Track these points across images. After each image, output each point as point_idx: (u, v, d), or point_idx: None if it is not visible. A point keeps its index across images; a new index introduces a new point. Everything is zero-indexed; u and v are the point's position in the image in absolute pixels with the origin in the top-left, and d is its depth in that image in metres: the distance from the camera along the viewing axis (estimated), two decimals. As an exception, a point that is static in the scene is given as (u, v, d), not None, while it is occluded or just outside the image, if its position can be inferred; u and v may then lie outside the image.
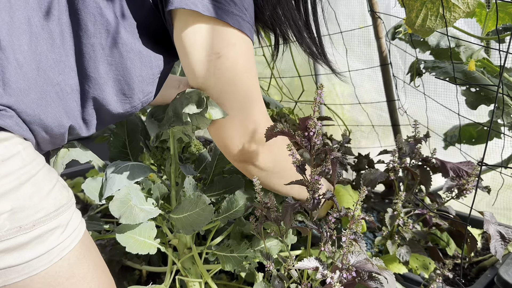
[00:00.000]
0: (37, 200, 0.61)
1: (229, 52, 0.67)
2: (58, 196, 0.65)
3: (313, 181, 0.68)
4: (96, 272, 0.69)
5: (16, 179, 0.59)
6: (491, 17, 1.01)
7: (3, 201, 0.58)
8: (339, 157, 0.66)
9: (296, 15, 0.75)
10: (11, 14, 0.60)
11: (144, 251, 0.81)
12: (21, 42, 0.61)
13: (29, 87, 0.62)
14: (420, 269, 1.05)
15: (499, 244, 0.88)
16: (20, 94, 0.61)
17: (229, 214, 0.86)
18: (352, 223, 0.64)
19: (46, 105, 0.64)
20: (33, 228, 0.60)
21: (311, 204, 0.68)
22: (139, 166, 0.84)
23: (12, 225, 0.58)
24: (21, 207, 0.59)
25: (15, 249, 0.59)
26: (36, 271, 0.61)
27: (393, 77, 1.43)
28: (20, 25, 0.61)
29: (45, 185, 0.63)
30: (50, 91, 0.64)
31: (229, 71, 0.68)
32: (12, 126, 0.61)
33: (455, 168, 1.03)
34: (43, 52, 0.63)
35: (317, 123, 0.66)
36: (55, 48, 0.64)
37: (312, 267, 0.63)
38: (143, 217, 0.78)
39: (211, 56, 0.67)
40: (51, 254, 0.62)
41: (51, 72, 0.64)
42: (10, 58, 0.60)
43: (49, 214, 0.62)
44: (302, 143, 0.68)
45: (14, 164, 0.59)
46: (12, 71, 0.60)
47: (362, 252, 0.63)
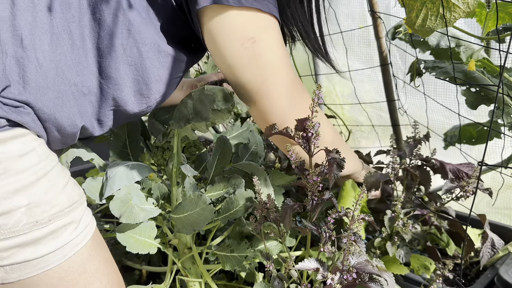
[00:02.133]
0: (53, 196, 0.62)
1: (263, 35, 0.68)
2: (71, 192, 0.66)
3: (312, 182, 0.68)
4: (107, 268, 0.71)
5: (33, 174, 0.60)
6: (491, 17, 1.01)
7: (20, 196, 0.59)
8: (337, 158, 0.66)
9: (303, 16, 0.77)
10: (34, 15, 0.61)
11: (144, 250, 0.81)
12: (42, 41, 0.62)
13: (47, 86, 0.63)
14: (421, 269, 1.05)
15: (487, 250, 0.91)
16: (39, 92, 0.62)
17: (229, 214, 0.86)
18: (352, 224, 0.64)
19: (62, 104, 0.65)
20: (49, 223, 0.61)
21: (310, 205, 0.68)
22: (140, 166, 0.84)
23: (29, 220, 0.59)
24: (37, 202, 0.60)
25: (31, 243, 0.60)
26: (51, 265, 0.62)
27: (393, 77, 1.43)
28: (42, 25, 0.62)
29: (59, 181, 0.65)
30: (67, 91, 0.65)
31: (268, 52, 0.68)
32: (29, 122, 0.62)
33: (455, 169, 1.03)
34: (63, 53, 0.64)
35: (315, 124, 0.66)
36: (74, 49, 0.65)
37: (312, 268, 0.63)
38: (143, 216, 0.78)
39: (246, 43, 0.67)
40: (65, 249, 0.64)
41: (69, 72, 0.65)
42: (31, 57, 0.61)
43: (64, 210, 0.63)
44: (300, 144, 0.68)
45: (30, 160, 0.61)
46: (32, 70, 0.61)
47: (363, 254, 0.63)
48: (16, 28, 0.60)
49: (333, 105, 1.81)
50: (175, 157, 0.88)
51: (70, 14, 0.64)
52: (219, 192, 0.92)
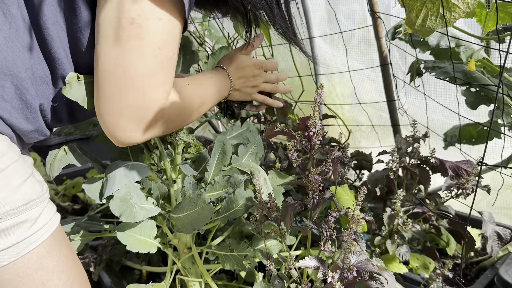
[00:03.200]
0: (5, 194, 0.61)
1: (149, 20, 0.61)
2: (28, 191, 0.65)
3: (313, 181, 0.68)
4: (67, 265, 0.70)
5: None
6: (491, 17, 1.01)
7: None
8: (340, 157, 0.66)
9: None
10: None
11: (144, 249, 0.81)
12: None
13: (1, 78, 0.62)
14: (421, 268, 1.05)
15: (496, 243, 0.88)
16: None
17: (229, 214, 0.86)
18: (352, 223, 0.64)
19: (20, 94, 0.65)
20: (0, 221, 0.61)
21: (311, 204, 0.68)
22: (140, 166, 0.85)
23: None
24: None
25: None
26: (3, 263, 0.62)
27: (393, 77, 1.43)
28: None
29: (15, 179, 0.63)
30: (24, 77, 0.64)
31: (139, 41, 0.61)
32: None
33: (454, 167, 1.03)
34: (10, 38, 0.63)
35: (317, 123, 0.66)
36: (20, 32, 0.64)
37: (313, 266, 0.63)
38: (143, 215, 0.78)
39: (123, 20, 0.61)
40: (18, 247, 0.63)
41: (19, 57, 0.64)
42: None
43: (17, 208, 0.63)
44: (302, 143, 0.68)
45: None
46: None
47: (363, 252, 0.63)
48: None
49: (333, 105, 1.81)
50: (175, 158, 0.88)
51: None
52: (218, 192, 0.92)
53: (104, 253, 1.15)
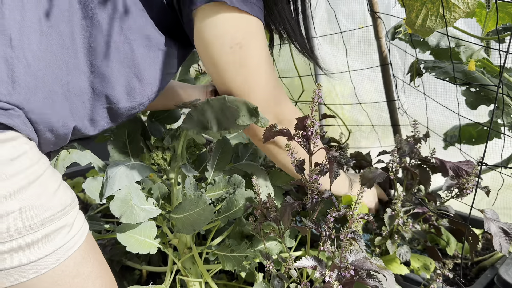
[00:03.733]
0: (45, 200, 0.62)
1: (249, 41, 0.70)
2: (63, 196, 0.65)
3: (311, 181, 0.68)
4: (100, 271, 0.70)
5: (25, 178, 0.60)
6: (491, 17, 1.01)
7: (12, 200, 0.58)
8: (337, 156, 0.66)
9: (290, 15, 0.79)
10: (22, 14, 0.61)
11: (144, 250, 0.81)
12: (30, 41, 0.61)
13: (37, 86, 0.62)
14: (422, 269, 1.05)
15: (504, 239, 0.87)
16: (28, 92, 0.62)
17: (229, 214, 0.86)
18: (352, 223, 0.64)
19: (52, 104, 0.65)
20: (42, 227, 0.61)
21: (310, 203, 0.68)
22: (140, 166, 0.85)
23: (22, 224, 0.59)
24: (29, 207, 0.60)
25: (24, 248, 0.60)
26: (44, 270, 0.62)
27: (393, 77, 1.43)
28: (31, 24, 0.61)
29: (51, 185, 0.64)
30: (58, 91, 0.65)
31: (252, 58, 0.70)
32: (20, 125, 0.61)
33: (455, 167, 1.03)
34: (53, 52, 0.63)
35: (315, 123, 0.66)
36: (64, 48, 0.65)
37: (310, 265, 0.63)
38: (143, 216, 0.78)
39: (234, 47, 0.69)
40: (58, 253, 0.63)
41: (59, 72, 0.65)
42: (20, 57, 0.60)
43: (56, 213, 0.63)
44: (300, 142, 0.68)
45: (22, 164, 0.60)
46: (21, 70, 0.60)
47: (361, 251, 0.63)
48: (5, 28, 0.59)
49: (333, 105, 1.81)
50: (179, 158, 0.88)
51: (60, 13, 0.64)
52: (219, 192, 0.92)
53: (104, 253, 1.15)
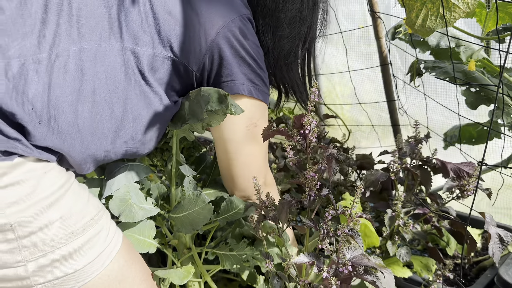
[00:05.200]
0: (81, 206, 0.65)
1: (261, 121, 0.83)
2: (95, 201, 0.69)
3: (309, 179, 0.68)
4: (143, 275, 0.72)
5: (60, 188, 0.63)
6: (491, 17, 1.01)
7: (52, 210, 0.61)
8: (335, 154, 0.66)
9: (299, 78, 0.93)
10: (81, 83, 0.65)
11: (143, 249, 0.81)
12: (84, 108, 0.66)
13: (82, 149, 0.68)
14: (424, 271, 1.05)
15: (497, 246, 0.88)
16: (76, 154, 0.67)
17: (228, 216, 0.86)
18: (350, 221, 0.64)
19: (90, 168, 0.72)
20: (84, 233, 0.63)
21: (307, 201, 0.68)
22: (138, 166, 0.85)
23: (65, 232, 0.61)
24: (69, 214, 0.62)
25: (70, 256, 0.62)
26: (90, 276, 0.64)
27: (393, 77, 1.43)
28: (86, 93, 0.66)
29: (83, 192, 0.68)
30: (99, 156, 0.71)
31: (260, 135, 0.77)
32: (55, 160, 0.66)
33: (456, 168, 1.03)
34: (101, 121, 0.68)
35: (312, 121, 0.66)
36: (113, 119, 0.69)
37: (307, 261, 0.63)
38: (142, 215, 0.78)
39: (250, 126, 0.82)
40: (102, 257, 0.65)
41: (105, 140, 0.70)
42: (71, 122, 0.65)
43: (93, 218, 0.66)
44: (298, 141, 0.68)
45: (55, 175, 0.63)
46: (71, 134, 0.66)
47: (359, 247, 0.63)
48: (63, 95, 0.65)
49: (333, 105, 1.81)
50: (174, 158, 0.88)
51: (114, 85, 0.68)
52: (219, 193, 0.92)
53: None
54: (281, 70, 0.89)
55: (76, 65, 0.64)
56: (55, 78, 0.63)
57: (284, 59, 0.88)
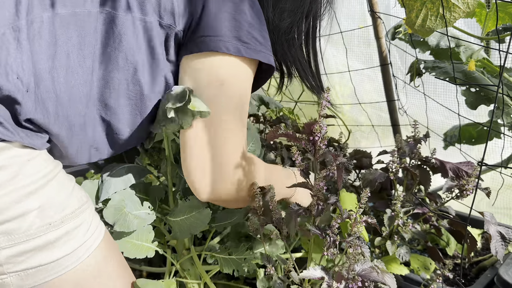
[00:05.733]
0: (63, 197, 0.64)
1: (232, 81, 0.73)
2: (79, 193, 0.68)
3: (317, 187, 0.67)
4: (121, 271, 0.71)
5: (43, 177, 0.62)
6: (491, 17, 1.01)
7: (32, 199, 0.60)
8: (345, 163, 0.66)
9: (302, 57, 0.86)
10: (55, 49, 0.64)
11: (142, 255, 0.80)
12: (59, 74, 0.65)
13: (62, 115, 0.66)
14: (422, 269, 1.05)
15: (500, 244, 0.87)
16: (56, 120, 0.66)
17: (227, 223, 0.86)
18: (355, 226, 0.64)
19: (72, 134, 0.69)
20: (62, 225, 0.62)
21: (315, 210, 0.68)
22: (136, 168, 0.84)
23: (42, 222, 0.60)
24: (49, 204, 0.61)
25: (45, 247, 0.61)
26: (65, 269, 0.63)
27: (393, 77, 1.43)
28: (61, 59, 0.65)
29: (67, 184, 0.66)
30: (77, 121, 0.69)
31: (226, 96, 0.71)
32: (39, 146, 0.65)
33: (455, 168, 1.03)
34: (76, 86, 0.67)
35: (322, 128, 0.66)
36: (87, 82, 0.68)
37: (318, 277, 0.62)
38: (137, 224, 0.77)
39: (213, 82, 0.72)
40: (79, 252, 0.64)
41: (80, 104, 0.68)
42: (50, 89, 0.64)
43: (75, 211, 0.64)
44: (307, 147, 0.67)
45: (38, 164, 0.62)
46: (51, 101, 0.64)
47: (367, 260, 0.63)
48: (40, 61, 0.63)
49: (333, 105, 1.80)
50: (168, 159, 0.87)
51: (88, 51, 0.67)
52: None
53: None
54: (282, 46, 0.83)
55: (50, 32, 0.64)
56: (32, 45, 0.62)
57: (285, 34, 0.82)
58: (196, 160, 0.71)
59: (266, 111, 1.51)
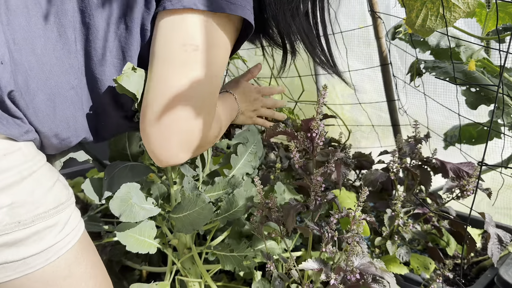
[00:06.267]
0: (38, 196, 0.61)
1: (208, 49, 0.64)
2: (58, 193, 0.65)
3: (315, 183, 0.68)
4: (94, 271, 0.70)
5: (18, 173, 0.59)
6: (491, 17, 1.01)
7: (3, 195, 0.58)
8: (343, 158, 0.66)
9: (309, 30, 0.76)
10: (27, 19, 0.62)
11: (144, 250, 0.81)
12: (35, 46, 0.62)
13: (38, 88, 0.63)
14: (421, 269, 1.05)
15: (496, 247, 0.88)
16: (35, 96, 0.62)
17: (229, 215, 0.86)
18: (354, 224, 0.64)
19: (54, 107, 0.65)
20: (32, 224, 0.60)
21: (313, 205, 0.68)
22: (139, 166, 0.84)
23: (11, 220, 0.58)
24: (21, 202, 0.59)
25: (13, 244, 0.59)
26: (33, 269, 0.61)
27: (393, 77, 1.43)
28: (36, 30, 0.62)
29: (46, 182, 0.63)
30: (63, 94, 0.65)
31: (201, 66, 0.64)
32: (18, 136, 0.61)
33: (456, 168, 1.03)
34: (59, 57, 0.64)
35: (320, 124, 0.66)
36: (71, 53, 0.65)
37: (316, 268, 0.63)
38: (143, 215, 0.78)
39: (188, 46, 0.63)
40: (48, 253, 0.62)
41: (65, 76, 0.65)
42: (22, 61, 0.61)
43: (48, 211, 0.62)
44: (305, 143, 0.68)
45: (15, 159, 0.60)
46: (22, 73, 0.61)
47: (366, 255, 0.63)
48: (11, 33, 0.60)
49: (333, 105, 1.81)
50: None
51: (67, 20, 0.64)
52: (218, 193, 0.92)
53: (104, 253, 1.15)
54: (285, 16, 0.72)
55: (20, 1, 0.61)
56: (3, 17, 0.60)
57: (288, 2, 0.71)
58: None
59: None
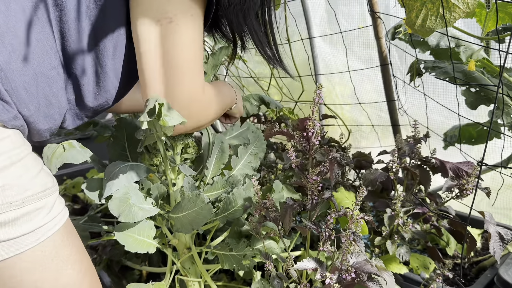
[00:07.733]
0: (26, 180, 0.65)
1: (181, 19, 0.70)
2: (44, 179, 0.69)
3: (312, 182, 0.68)
4: (79, 255, 0.73)
5: (7, 158, 0.63)
6: (491, 17, 1.01)
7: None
8: (337, 157, 0.66)
9: (258, 28, 0.84)
10: (6, 5, 0.65)
11: (143, 250, 0.81)
12: (17, 29, 0.65)
13: (21, 69, 0.66)
14: (421, 268, 1.05)
15: (498, 244, 0.88)
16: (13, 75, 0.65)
17: (228, 214, 0.86)
18: (352, 223, 0.64)
19: (37, 85, 0.69)
20: (22, 205, 0.64)
21: (310, 204, 0.68)
22: (138, 166, 0.85)
23: (3, 201, 0.62)
24: (11, 185, 0.63)
25: (5, 224, 0.62)
26: (23, 248, 0.64)
27: (393, 77, 1.43)
28: (16, 14, 0.65)
29: (33, 168, 0.67)
30: (47, 74, 0.69)
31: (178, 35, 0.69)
32: (7, 121, 0.65)
33: (455, 168, 1.03)
34: (39, 39, 0.67)
35: (316, 123, 0.66)
36: (49, 35, 0.69)
37: (311, 267, 0.63)
38: (142, 215, 0.78)
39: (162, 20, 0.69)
40: (38, 233, 0.66)
41: (46, 57, 0.68)
42: (5, 43, 0.64)
43: (37, 194, 0.66)
44: (301, 143, 0.68)
45: (5, 145, 0.64)
46: (6, 55, 0.64)
47: (362, 253, 0.63)
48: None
49: (333, 105, 1.81)
50: (164, 159, 0.88)
51: (42, 3, 0.67)
52: (217, 192, 0.92)
53: (104, 253, 1.15)
54: (237, 16, 0.79)
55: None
56: None
57: (240, 4, 0.78)
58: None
59: (266, 111, 1.51)
